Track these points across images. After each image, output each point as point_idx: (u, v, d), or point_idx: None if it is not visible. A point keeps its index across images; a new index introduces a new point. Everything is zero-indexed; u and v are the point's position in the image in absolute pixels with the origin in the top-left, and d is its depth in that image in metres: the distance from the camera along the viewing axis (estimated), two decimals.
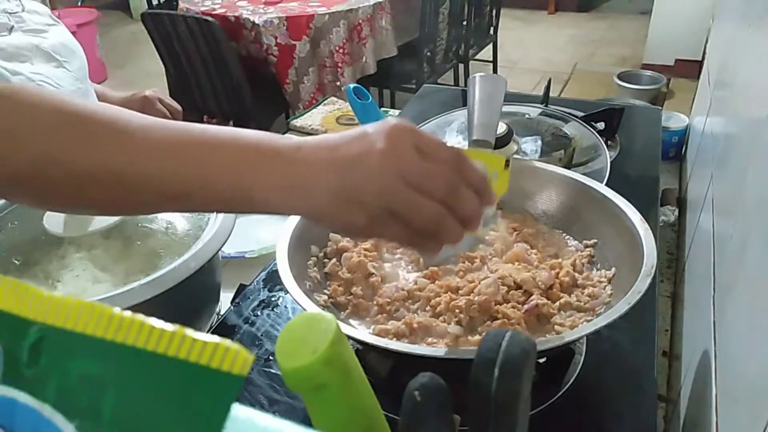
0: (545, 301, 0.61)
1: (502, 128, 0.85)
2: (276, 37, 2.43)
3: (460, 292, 0.63)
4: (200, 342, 0.19)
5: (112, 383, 0.20)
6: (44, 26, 0.89)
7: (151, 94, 1.02)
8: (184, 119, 1.01)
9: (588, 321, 0.58)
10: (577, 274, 0.65)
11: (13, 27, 0.85)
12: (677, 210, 1.27)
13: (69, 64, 0.88)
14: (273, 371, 0.66)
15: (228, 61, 2.35)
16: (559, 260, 0.67)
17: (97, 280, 0.66)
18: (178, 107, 1.04)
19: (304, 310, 0.54)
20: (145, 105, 1.01)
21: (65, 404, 0.21)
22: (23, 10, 0.89)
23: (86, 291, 0.64)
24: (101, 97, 1.03)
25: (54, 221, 0.68)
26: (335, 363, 0.33)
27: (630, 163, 1.04)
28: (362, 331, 0.61)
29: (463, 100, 1.17)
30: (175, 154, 0.42)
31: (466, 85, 0.87)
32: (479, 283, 0.62)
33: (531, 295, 0.62)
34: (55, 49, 0.87)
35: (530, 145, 0.92)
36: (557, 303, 0.62)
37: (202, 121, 2.75)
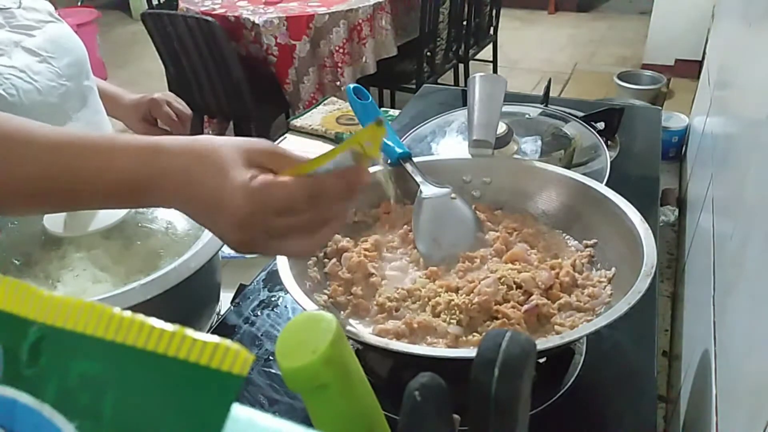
0: (545, 301, 0.61)
1: (502, 128, 0.85)
2: (276, 37, 2.43)
3: (460, 292, 0.63)
4: (200, 342, 0.20)
5: (112, 383, 0.20)
6: (38, 23, 0.89)
7: (159, 97, 1.02)
8: None
9: (588, 321, 0.58)
10: (577, 274, 0.65)
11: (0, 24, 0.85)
12: (677, 210, 1.27)
13: (56, 60, 0.88)
14: (273, 371, 0.67)
15: (228, 61, 2.35)
16: (559, 260, 0.67)
17: (97, 280, 0.66)
18: (188, 111, 1.04)
19: (304, 310, 0.54)
20: (152, 107, 1.01)
21: (65, 404, 0.21)
22: (19, 6, 0.88)
23: (86, 291, 0.64)
24: (114, 98, 1.04)
25: (54, 221, 0.68)
26: (335, 363, 0.33)
27: (630, 163, 1.04)
28: (362, 331, 0.61)
29: (463, 100, 1.17)
30: (64, 152, 0.44)
31: (466, 85, 0.87)
32: (479, 283, 0.62)
33: (531, 295, 0.62)
34: (40, 45, 0.86)
35: (530, 145, 0.92)
36: (557, 303, 0.62)
37: (202, 121, 2.75)
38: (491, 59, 3.52)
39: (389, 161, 0.77)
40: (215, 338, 0.19)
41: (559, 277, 0.64)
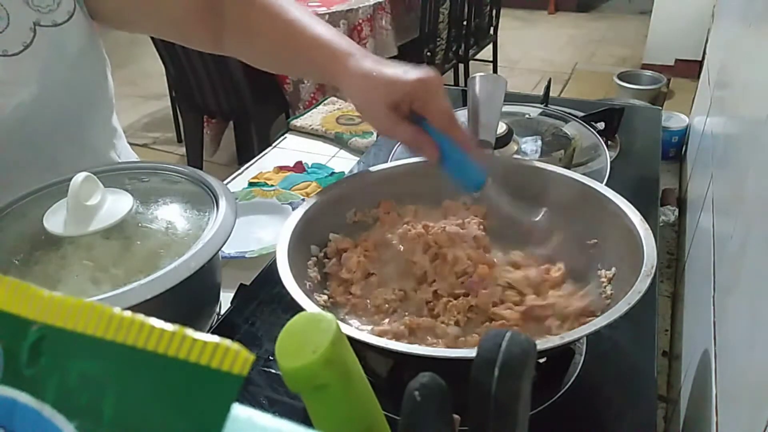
0: (541, 303, 0.61)
1: (502, 128, 0.85)
2: None
3: (457, 292, 0.63)
4: (200, 342, 0.19)
5: (112, 383, 0.20)
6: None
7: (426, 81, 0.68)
8: (184, 118, 0.99)
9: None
10: None
11: None
12: (677, 210, 1.27)
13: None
14: (273, 371, 0.67)
15: (228, 61, 2.35)
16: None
17: (97, 280, 0.66)
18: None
19: (304, 310, 0.54)
20: (415, 96, 0.68)
21: (65, 404, 0.21)
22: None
23: (86, 291, 0.64)
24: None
25: (54, 221, 0.68)
26: (335, 363, 0.33)
27: (630, 163, 1.04)
28: (362, 331, 0.61)
29: (463, 100, 1.17)
30: None
31: (466, 85, 0.87)
32: None
33: (525, 295, 0.62)
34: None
35: (530, 145, 0.92)
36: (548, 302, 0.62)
37: (201, 121, 2.75)
38: (491, 59, 3.52)
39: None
40: (215, 338, 0.19)
41: (549, 274, 0.64)
